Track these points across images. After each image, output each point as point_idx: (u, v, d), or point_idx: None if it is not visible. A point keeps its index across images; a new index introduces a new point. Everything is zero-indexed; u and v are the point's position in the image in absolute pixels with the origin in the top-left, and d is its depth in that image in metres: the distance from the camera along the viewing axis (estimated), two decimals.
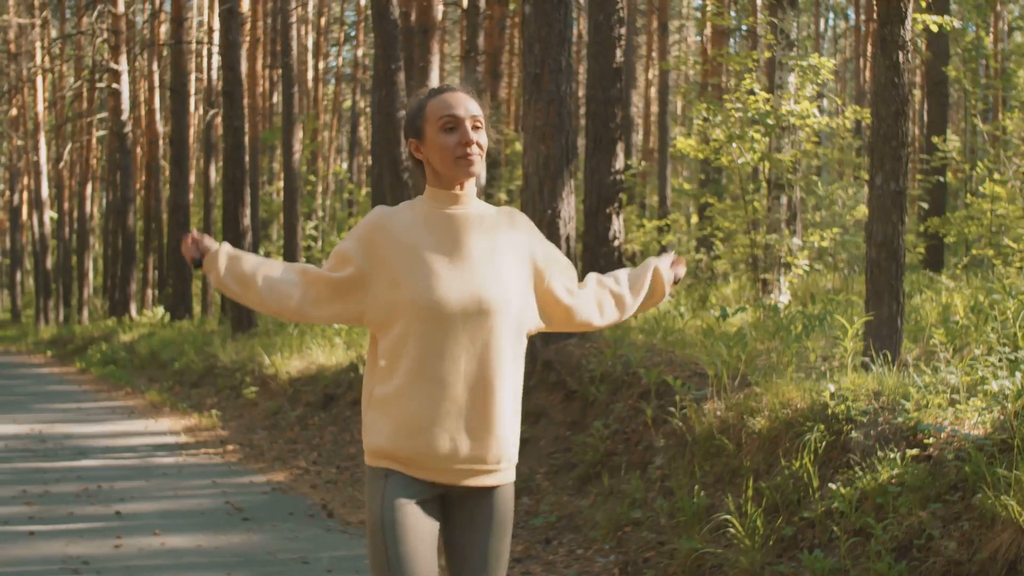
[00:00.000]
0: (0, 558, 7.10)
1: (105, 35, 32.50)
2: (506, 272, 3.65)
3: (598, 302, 3.90)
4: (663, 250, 22.39)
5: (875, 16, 7.58)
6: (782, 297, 12.49)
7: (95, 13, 32.34)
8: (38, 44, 40.70)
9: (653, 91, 39.06)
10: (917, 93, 27.19)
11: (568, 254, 9.97)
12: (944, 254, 17.32)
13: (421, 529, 3.59)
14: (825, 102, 24.22)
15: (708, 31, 31.02)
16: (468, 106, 3.64)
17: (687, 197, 28.59)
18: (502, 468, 3.68)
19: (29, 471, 10.39)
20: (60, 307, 41.97)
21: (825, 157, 17.47)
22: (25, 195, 47.13)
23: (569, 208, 9.90)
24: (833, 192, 13.69)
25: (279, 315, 3.74)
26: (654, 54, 34.76)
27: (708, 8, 18.86)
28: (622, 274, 4.01)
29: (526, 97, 10.07)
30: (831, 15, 46.01)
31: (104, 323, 31.29)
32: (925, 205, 17.90)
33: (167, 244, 31.31)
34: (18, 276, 49.02)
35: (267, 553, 7.24)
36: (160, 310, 29.58)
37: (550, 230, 9.84)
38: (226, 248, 3.69)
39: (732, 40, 37.90)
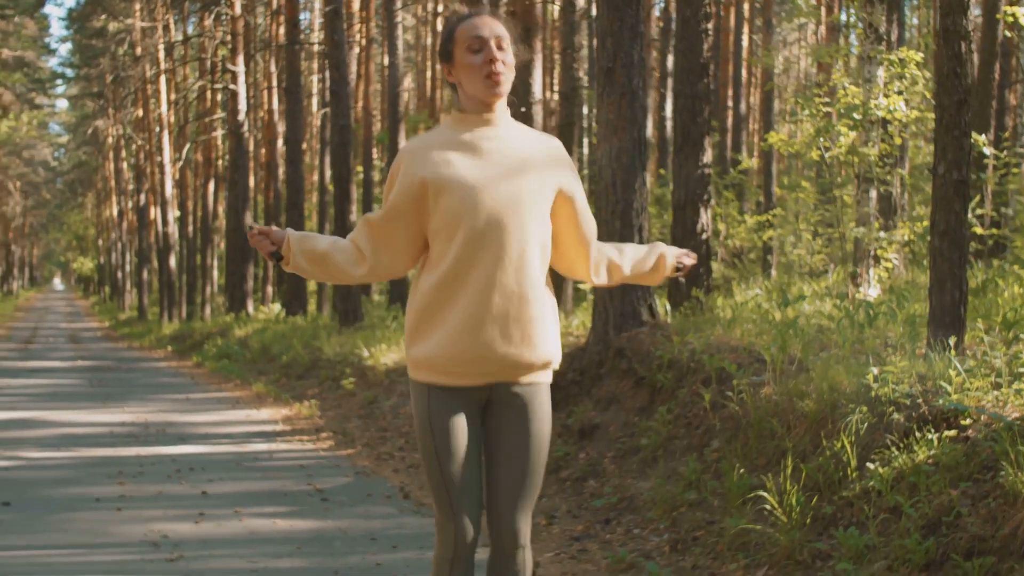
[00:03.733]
0: (85, 530, 7.49)
1: (225, 37, 33.21)
2: (532, 187, 3.86)
3: (595, 262, 4.13)
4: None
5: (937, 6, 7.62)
6: (871, 290, 12.46)
7: (213, 16, 33.03)
8: (161, 46, 41.64)
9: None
10: None
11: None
12: None
13: (462, 443, 3.86)
14: None
15: (823, 25, 30.84)
16: (493, 27, 3.88)
17: (798, 191, 28.33)
18: (535, 371, 3.91)
19: (128, 456, 10.81)
20: (184, 304, 42.68)
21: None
22: (151, 195, 48.18)
23: (642, 199, 10.03)
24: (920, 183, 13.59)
25: (351, 276, 3.99)
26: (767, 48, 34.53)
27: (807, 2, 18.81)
28: (628, 248, 4.25)
29: (599, 91, 10.21)
30: None
31: (222, 319, 31.97)
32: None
33: None
34: (144, 274, 50.06)
35: (339, 530, 7.52)
36: (277, 306, 30.17)
37: (623, 221, 9.99)
38: (292, 231, 3.97)
39: (851, 34, 37.56)
